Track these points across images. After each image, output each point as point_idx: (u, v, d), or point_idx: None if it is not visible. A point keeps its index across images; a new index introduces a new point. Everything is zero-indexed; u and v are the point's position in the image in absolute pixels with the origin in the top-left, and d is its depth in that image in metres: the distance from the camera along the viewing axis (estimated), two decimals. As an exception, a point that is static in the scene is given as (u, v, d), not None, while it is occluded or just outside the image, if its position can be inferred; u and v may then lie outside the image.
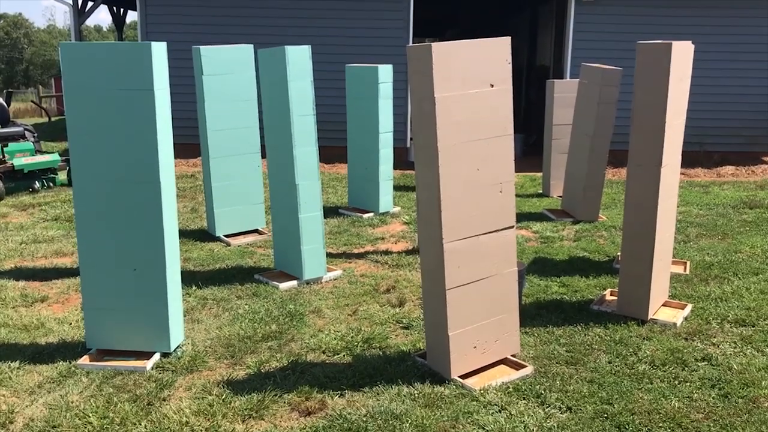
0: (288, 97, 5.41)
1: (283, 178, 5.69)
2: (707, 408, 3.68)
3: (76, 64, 3.95)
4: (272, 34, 11.33)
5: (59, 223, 7.68)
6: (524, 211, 8.28)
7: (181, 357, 4.26)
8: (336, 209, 8.35)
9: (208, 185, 6.95)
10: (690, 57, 4.98)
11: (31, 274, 5.91)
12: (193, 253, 6.47)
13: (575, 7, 11.77)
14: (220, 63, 6.67)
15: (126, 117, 3.98)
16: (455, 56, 3.65)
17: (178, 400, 3.76)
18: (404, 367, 4.12)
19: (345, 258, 6.41)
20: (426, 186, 3.81)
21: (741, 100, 12.08)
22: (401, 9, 11.76)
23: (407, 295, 5.35)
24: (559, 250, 6.63)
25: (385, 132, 7.96)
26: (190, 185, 9.83)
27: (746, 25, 11.76)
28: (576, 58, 11.65)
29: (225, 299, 5.27)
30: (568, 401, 3.73)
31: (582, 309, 5.09)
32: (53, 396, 3.80)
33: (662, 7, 11.67)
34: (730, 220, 7.81)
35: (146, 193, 4.07)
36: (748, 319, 4.83)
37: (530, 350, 4.37)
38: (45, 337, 4.58)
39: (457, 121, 3.71)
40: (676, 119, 4.84)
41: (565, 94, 8.82)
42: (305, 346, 4.44)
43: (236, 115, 6.86)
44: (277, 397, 3.78)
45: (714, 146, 12.03)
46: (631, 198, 4.85)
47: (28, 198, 8.98)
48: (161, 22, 11.75)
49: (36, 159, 9.45)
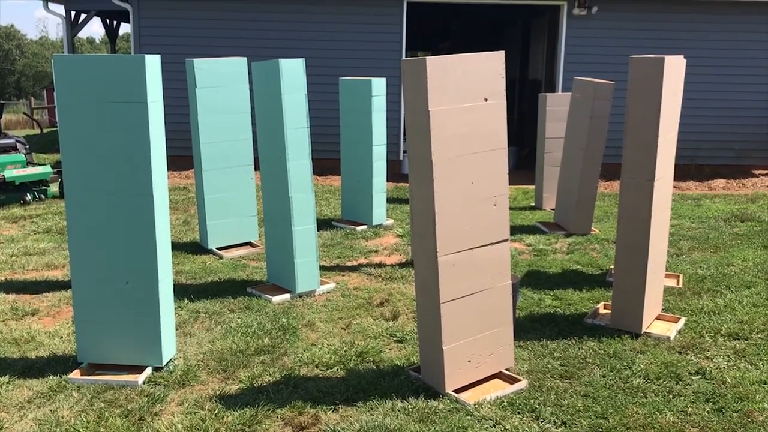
0: (282, 110, 5.41)
1: (276, 191, 5.68)
2: (702, 422, 3.67)
3: (70, 77, 3.94)
4: (266, 47, 11.36)
5: (50, 235, 7.63)
6: (517, 224, 8.29)
7: (173, 371, 4.22)
8: (329, 222, 8.34)
9: (201, 197, 6.93)
10: (682, 71, 5.01)
11: (21, 286, 5.86)
12: (186, 266, 6.44)
13: (567, 20, 11.86)
14: (214, 76, 6.67)
15: (119, 129, 3.97)
16: (450, 70, 3.66)
17: (170, 415, 3.72)
18: (398, 381, 4.10)
19: (338, 271, 6.39)
20: (420, 199, 3.81)
21: (732, 114, 12.17)
22: (395, 22, 11.81)
23: (401, 309, 5.33)
24: (552, 263, 6.63)
25: (378, 145, 7.97)
26: (183, 197, 9.80)
27: (737, 39, 11.86)
28: (568, 71, 11.73)
29: (217, 312, 5.24)
30: (562, 416, 3.72)
31: (576, 322, 5.08)
32: (43, 411, 3.76)
33: (654, 21, 11.77)
34: (722, 233, 7.84)
35: (139, 206, 4.05)
36: (741, 333, 4.84)
37: (524, 364, 4.36)
38: (35, 351, 4.53)
39: (452, 135, 3.71)
40: (669, 133, 4.86)
41: (557, 107, 8.86)
42: (298, 360, 4.42)
43: (229, 128, 6.85)
44: (269, 412, 3.75)
45: (705, 159, 12.11)
46: (624, 211, 4.86)
47: (20, 210, 8.93)
48: (155, 35, 11.75)
49: (27, 171, 9.41)
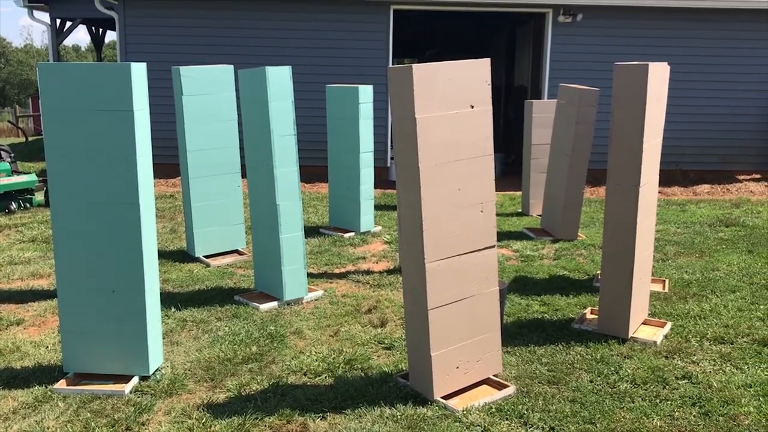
0: (269, 118, 5.40)
1: (263, 199, 5.67)
2: (689, 426, 3.70)
3: (55, 85, 3.92)
4: (253, 54, 11.36)
5: (36, 244, 7.57)
6: (504, 230, 8.31)
7: (160, 380, 4.20)
8: (317, 229, 8.33)
9: (188, 205, 6.90)
10: (666, 78, 5.06)
11: (6, 296, 5.81)
12: (172, 275, 6.41)
13: (553, 27, 11.94)
14: (200, 83, 6.66)
15: (105, 138, 3.95)
16: (436, 77, 3.68)
17: (157, 425, 3.70)
18: (386, 388, 4.09)
19: (326, 278, 6.38)
20: (408, 206, 3.82)
21: (716, 120, 12.29)
22: (381, 30, 11.84)
23: (389, 315, 5.33)
24: (540, 269, 6.66)
25: (365, 152, 7.98)
26: (170, 205, 9.75)
27: (721, 46, 11.99)
28: (554, 78, 11.80)
29: (204, 321, 5.22)
30: (550, 421, 3.73)
31: (563, 328, 5.10)
32: (28, 422, 3.72)
33: (638, 28, 11.88)
34: (707, 238, 7.90)
35: (125, 215, 4.03)
36: (727, 337, 4.88)
37: (512, 370, 4.37)
38: (20, 361, 4.49)
39: (438, 142, 3.73)
40: (654, 139, 4.90)
41: (543, 114, 8.91)
42: (286, 368, 4.40)
43: (216, 136, 6.83)
44: (258, 421, 3.73)
45: (690, 165, 12.21)
46: (610, 217, 4.89)
47: (4, 219, 8.85)
48: (141, 42, 11.72)
49: (12, 179, 9.33)
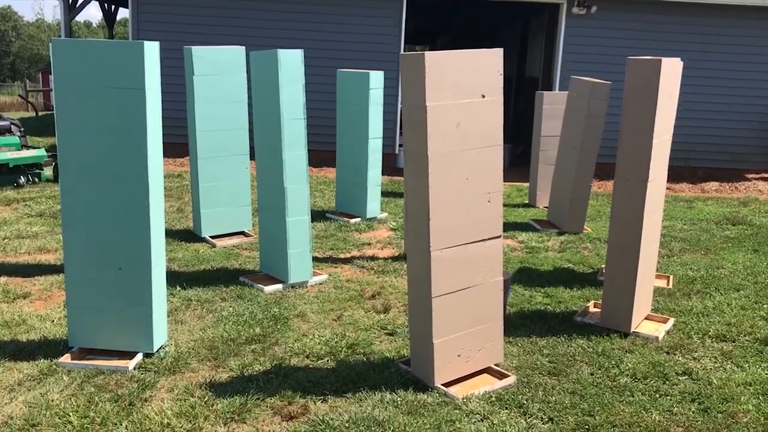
0: (279, 101, 5.40)
1: (271, 181, 5.69)
2: (687, 422, 3.71)
3: (68, 61, 3.93)
4: (265, 37, 11.33)
5: (44, 219, 7.62)
6: (510, 221, 8.31)
7: (163, 358, 4.24)
8: (323, 213, 8.34)
9: (196, 186, 6.92)
10: (679, 73, 5.04)
11: (13, 269, 5.85)
12: (178, 254, 6.45)
13: (566, 19, 11.87)
14: (212, 64, 6.66)
15: (116, 115, 3.96)
16: (448, 66, 3.67)
17: (159, 401, 3.74)
18: (388, 373, 4.12)
19: (331, 262, 6.41)
20: (415, 194, 3.82)
21: (727, 118, 12.23)
22: (393, 16, 11.80)
23: (392, 302, 5.36)
24: (544, 261, 6.66)
25: (374, 138, 7.97)
26: (177, 185, 9.78)
27: (736, 43, 11.90)
28: (566, 70, 11.75)
29: (209, 301, 5.25)
30: (550, 412, 3.75)
31: (565, 320, 5.12)
32: (33, 394, 3.77)
33: (653, 22, 11.80)
34: (713, 236, 7.88)
35: (134, 192, 4.05)
36: (729, 335, 4.89)
37: (513, 360, 4.39)
38: (26, 334, 4.54)
39: (448, 130, 3.72)
40: (664, 135, 4.89)
41: (553, 105, 8.88)
42: (289, 350, 4.44)
43: (226, 117, 6.84)
44: (259, 401, 3.77)
45: (699, 162, 12.17)
46: (616, 211, 4.88)
47: (13, 193, 8.90)
48: (153, 21, 11.71)
49: (22, 154, 9.38)
